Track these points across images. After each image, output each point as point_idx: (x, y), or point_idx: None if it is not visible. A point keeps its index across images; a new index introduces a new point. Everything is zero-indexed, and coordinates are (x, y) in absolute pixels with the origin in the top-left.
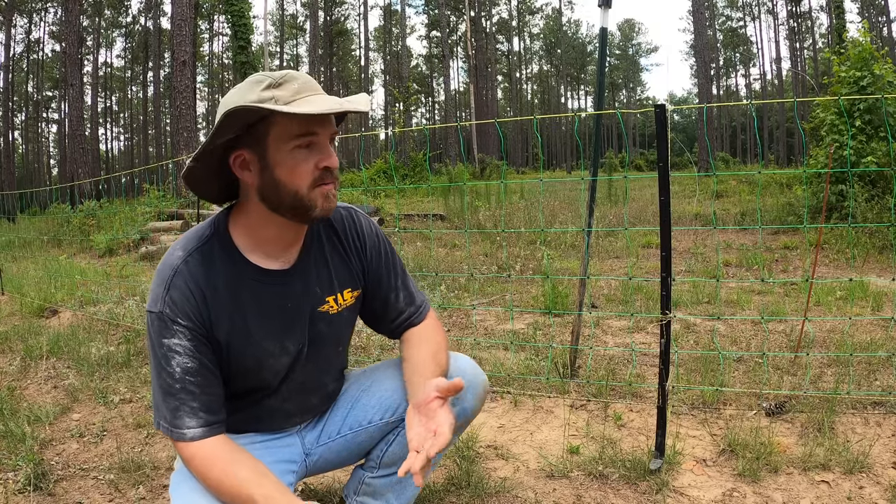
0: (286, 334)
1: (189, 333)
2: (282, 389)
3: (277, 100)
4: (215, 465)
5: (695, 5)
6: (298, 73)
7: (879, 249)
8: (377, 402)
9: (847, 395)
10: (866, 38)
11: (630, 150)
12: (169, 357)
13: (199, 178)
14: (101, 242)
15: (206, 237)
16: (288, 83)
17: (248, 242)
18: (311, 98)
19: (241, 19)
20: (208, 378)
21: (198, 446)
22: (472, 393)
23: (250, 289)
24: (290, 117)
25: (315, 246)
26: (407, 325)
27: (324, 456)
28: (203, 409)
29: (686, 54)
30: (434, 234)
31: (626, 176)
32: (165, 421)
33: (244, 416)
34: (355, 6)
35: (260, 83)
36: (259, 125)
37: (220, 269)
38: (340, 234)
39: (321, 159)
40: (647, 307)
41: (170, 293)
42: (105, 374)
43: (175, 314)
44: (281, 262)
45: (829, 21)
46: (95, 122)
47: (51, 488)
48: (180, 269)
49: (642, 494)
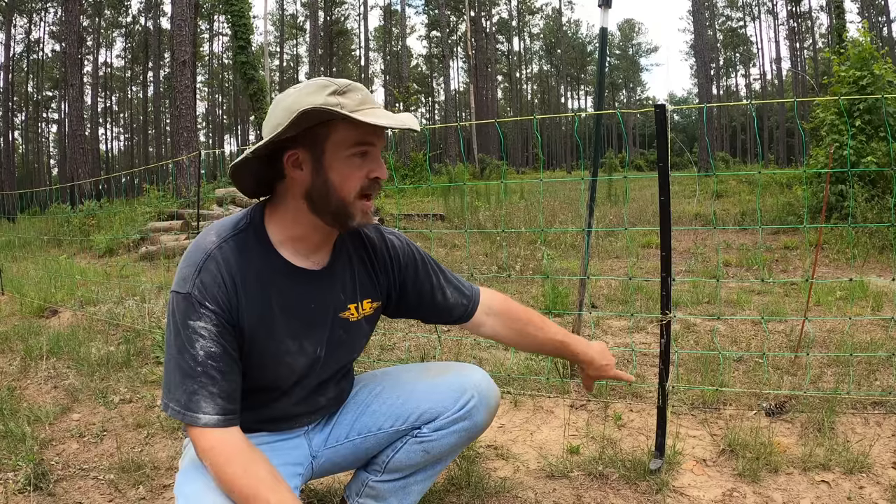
0: (307, 335)
1: (215, 318)
2: (295, 391)
3: (343, 107)
4: (234, 460)
5: (695, 5)
6: (360, 84)
7: (879, 249)
8: (388, 409)
9: (847, 395)
10: (866, 38)
11: (630, 150)
12: (193, 339)
13: (244, 170)
14: (101, 242)
15: (242, 226)
16: (352, 92)
17: (281, 238)
18: (375, 111)
19: (241, 19)
20: (230, 366)
21: (216, 436)
22: (484, 407)
23: (279, 284)
24: (356, 125)
25: (343, 253)
26: (470, 309)
27: (330, 459)
28: (221, 396)
29: (686, 54)
30: (434, 234)
31: (626, 176)
32: (178, 404)
33: (254, 416)
34: (355, 6)
35: (325, 88)
36: (320, 128)
37: (253, 259)
38: (369, 248)
39: (372, 169)
40: (647, 307)
41: (200, 276)
42: (105, 374)
43: (204, 297)
44: (311, 262)
45: (829, 21)
46: (95, 122)
47: (51, 488)
48: (213, 254)
49: (642, 494)
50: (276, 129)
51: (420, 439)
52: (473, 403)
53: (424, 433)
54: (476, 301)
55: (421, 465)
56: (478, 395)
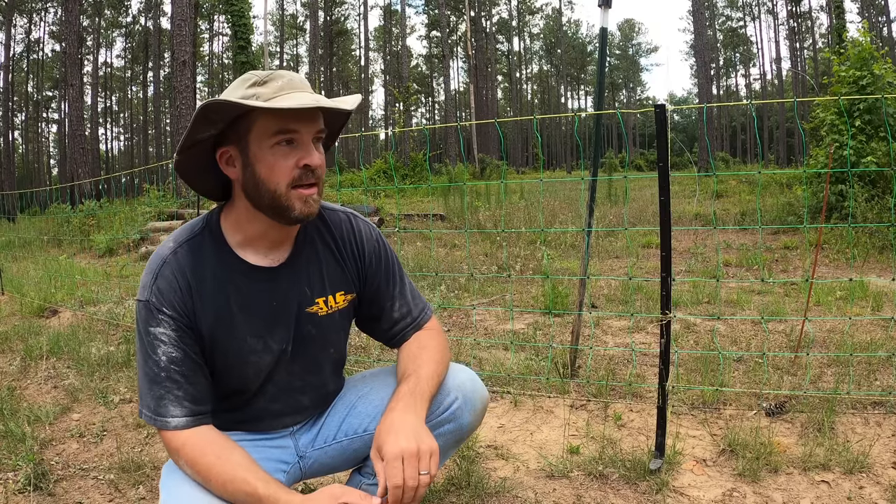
0: (270, 332)
1: (174, 323)
2: (267, 389)
3: (259, 97)
4: (207, 450)
5: (695, 5)
6: (287, 72)
7: (879, 249)
8: (373, 410)
9: (847, 395)
10: (866, 38)
11: (630, 150)
12: (155, 346)
13: (192, 173)
14: (101, 242)
15: (197, 230)
16: (272, 81)
17: (238, 239)
18: (292, 95)
19: (241, 19)
20: (193, 369)
21: (186, 435)
22: (469, 409)
23: (237, 284)
24: (273, 114)
25: (308, 246)
26: (403, 335)
27: (319, 460)
28: (188, 399)
29: (686, 54)
30: (434, 234)
31: (626, 176)
32: (149, 409)
33: (234, 417)
34: (355, 6)
35: (246, 81)
36: (241, 122)
37: (209, 262)
38: (337, 238)
39: (301, 157)
40: (647, 307)
41: (157, 283)
42: (105, 374)
43: (161, 303)
44: (270, 259)
45: (829, 21)
46: (95, 122)
47: (51, 488)
48: (169, 260)
49: (642, 494)
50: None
51: None
52: (458, 405)
53: None
54: (419, 328)
55: None
56: (462, 396)
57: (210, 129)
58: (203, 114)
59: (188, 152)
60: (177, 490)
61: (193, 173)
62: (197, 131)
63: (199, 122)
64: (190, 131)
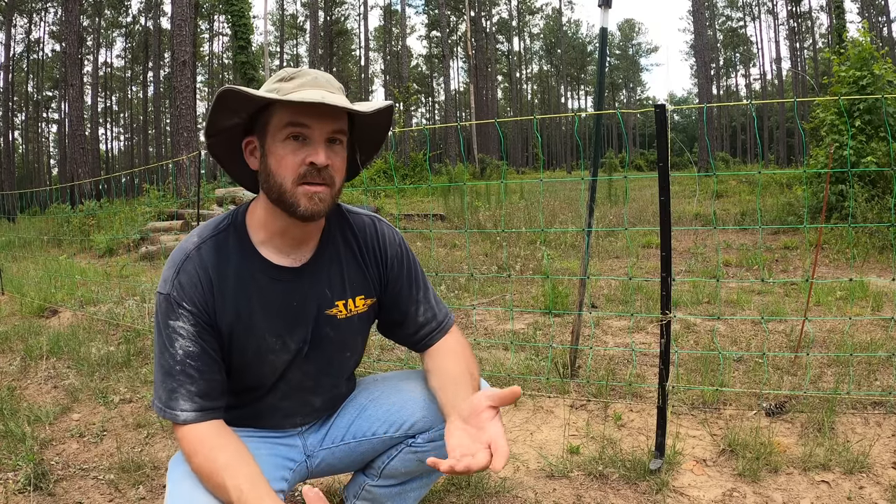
0: (289, 331)
1: (193, 318)
2: (279, 387)
3: (280, 91)
4: (199, 451)
5: (695, 5)
6: (315, 71)
7: (879, 249)
8: (384, 414)
9: (847, 395)
10: (866, 38)
11: (630, 150)
12: (172, 339)
13: (225, 158)
14: (101, 242)
15: (222, 227)
16: (298, 78)
17: (261, 237)
18: (305, 91)
19: (241, 19)
20: (209, 364)
21: (189, 430)
22: None
23: (258, 282)
24: (288, 107)
25: (330, 248)
26: (429, 339)
27: (326, 460)
28: (199, 395)
29: (686, 54)
30: (434, 234)
31: (626, 176)
32: (160, 401)
33: (243, 413)
34: (355, 6)
35: (277, 76)
36: (263, 114)
37: (232, 259)
38: (361, 241)
39: (308, 154)
40: (647, 307)
41: (179, 277)
42: (105, 374)
43: (182, 298)
44: (292, 259)
45: (829, 21)
46: (95, 122)
47: (51, 488)
48: (192, 255)
49: (642, 494)
50: None
51: (415, 449)
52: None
53: (419, 443)
54: (444, 333)
55: (416, 473)
56: None
57: (233, 117)
58: (220, 101)
59: (217, 138)
60: (180, 483)
61: (226, 158)
62: (219, 118)
63: (219, 109)
64: (211, 117)
